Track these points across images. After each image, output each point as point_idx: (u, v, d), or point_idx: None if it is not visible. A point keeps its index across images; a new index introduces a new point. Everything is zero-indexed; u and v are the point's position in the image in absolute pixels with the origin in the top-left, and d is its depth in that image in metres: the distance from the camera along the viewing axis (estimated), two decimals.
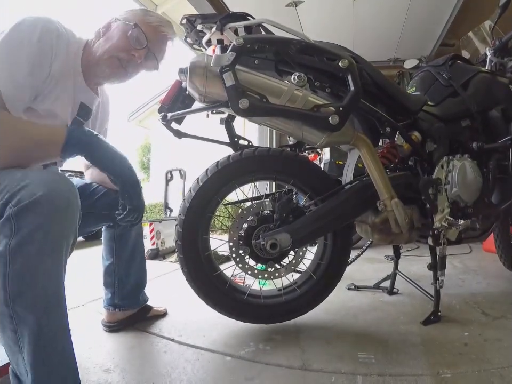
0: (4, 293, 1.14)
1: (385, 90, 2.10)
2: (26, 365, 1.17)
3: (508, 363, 1.71)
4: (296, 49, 1.72)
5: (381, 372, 1.67)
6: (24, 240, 1.13)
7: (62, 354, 1.25)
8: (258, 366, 1.76)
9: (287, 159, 2.06)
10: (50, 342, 1.21)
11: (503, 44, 2.74)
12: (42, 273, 1.17)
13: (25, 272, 1.14)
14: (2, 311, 1.16)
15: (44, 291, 1.18)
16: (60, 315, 1.25)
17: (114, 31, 1.70)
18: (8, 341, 1.20)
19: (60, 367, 1.24)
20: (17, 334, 1.16)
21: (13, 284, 1.13)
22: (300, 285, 2.20)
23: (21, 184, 1.17)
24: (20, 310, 1.15)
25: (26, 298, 1.15)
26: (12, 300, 1.14)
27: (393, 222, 2.02)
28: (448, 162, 2.19)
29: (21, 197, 1.14)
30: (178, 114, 1.88)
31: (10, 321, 1.16)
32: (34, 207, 1.13)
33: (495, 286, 2.99)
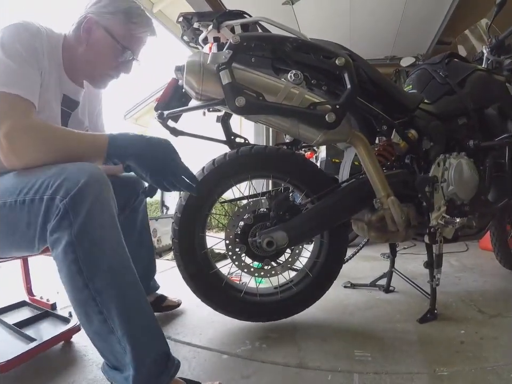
0: (81, 278, 1.19)
1: (382, 88, 2.10)
2: (121, 340, 1.22)
3: (504, 361, 1.71)
4: (293, 47, 1.72)
5: (377, 370, 1.68)
6: (85, 222, 1.18)
7: (148, 315, 1.32)
8: (254, 364, 1.76)
9: (284, 157, 2.06)
10: (136, 306, 1.28)
11: (499, 42, 2.74)
12: (109, 244, 1.24)
13: (95, 250, 1.20)
14: (83, 297, 1.21)
15: (116, 260, 1.25)
16: (135, 280, 1.31)
17: (100, 43, 1.66)
18: (97, 330, 1.24)
19: (150, 328, 1.31)
20: (103, 314, 1.21)
21: (87, 265, 1.19)
22: (296, 283, 2.20)
23: (61, 177, 1.21)
24: (99, 286, 1.20)
25: (103, 274, 1.21)
26: (90, 280, 1.19)
27: (390, 220, 2.02)
28: (445, 160, 2.19)
29: (67, 188, 1.18)
30: (175, 112, 1.88)
31: (94, 304, 1.20)
32: (83, 192, 1.18)
33: (492, 284, 3.00)
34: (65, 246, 1.18)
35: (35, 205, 1.24)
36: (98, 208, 1.22)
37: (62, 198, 1.18)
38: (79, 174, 1.22)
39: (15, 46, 1.41)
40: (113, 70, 1.75)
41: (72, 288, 1.21)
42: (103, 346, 1.27)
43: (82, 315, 1.24)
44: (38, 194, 1.23)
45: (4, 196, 1.31)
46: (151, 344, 1.29)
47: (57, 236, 1.20)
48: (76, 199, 1.18)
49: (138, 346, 1.23)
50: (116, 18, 1.64)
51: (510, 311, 2.32)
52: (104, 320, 1.21)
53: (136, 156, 1.40)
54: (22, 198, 1.27)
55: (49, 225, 1.21)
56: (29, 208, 1.25)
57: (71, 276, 1.20)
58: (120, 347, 1.22)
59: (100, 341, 1.27)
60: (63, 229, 1.18)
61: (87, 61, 1.68)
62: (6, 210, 1.30)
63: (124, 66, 1.76)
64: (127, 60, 1.74)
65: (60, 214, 1.18)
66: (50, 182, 1.22)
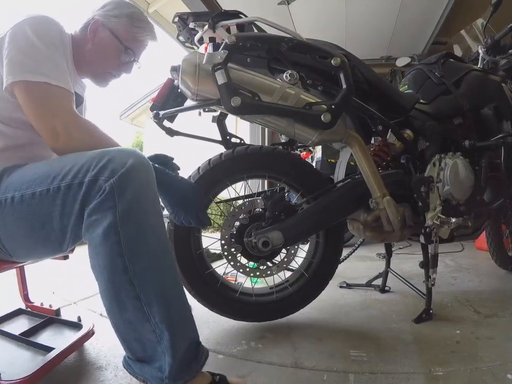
0: (121, 260, 1.17)
1: (378, 88, 2.10)
2: (157, 326, 1.20)
3: (500, 361, 1.72)
4: (288, 47, 1.72)
5: (372, 370, 1.68)
6: (130, 204, 1.18)
7: (184, 301, 1.31)
8: (250, 364, 1.76)
9: (279, 157, 2.06)
10: (174, 291, 1.28)
11: (495, 42, 2.74)
12: (152, 229, 1.24)
13: (138, 233, 1.20)
14: (120, 281, 1.18)
15: (157, 245, 1.25)
16: (174, 264, 1.33)
17: (104, 43, 1.70)
18: (129, 317, 1.21)
19: (186, 314, 1.31)
20: (140, 300, 1.19)
21: (129, 247, 1.17)
22: (292, 283, 2.21)
23: (106, 158, 1.20)
24: (140, 269, 1.19)
25: (144, 257, 1.20)
26: (131, 263, 1.17)
27: (385, 220, 2.02)
28: (440, 160, 2.19)
29: (113, 169, 1.18)
30: (171, 112, 1.88)
31: (131, 289, 1.18)
32: (130, 174, 1.19)
33: (487, 284, 3.01)
34: (108, 227, 1.16)
35: (72, 190, 1.21)
36: (144, 191, 1.23)
37: (107, 178, 1.17)
38: (125, 156, 1.22)
39: (46, 32, 1.43)
40: (115, 69, 1.79)
41: (110, 271, 1.18)
42: (131, 336, 1.24)
43: (114, 302, 1.21)
44: (77, 179, 1.20)
45: (32, 185, 1.27)
46: (186, 331, 1.29)
47: (98, 217, 1.17)
48: (122, 179, 1.17)
49: (175, 333, 1.22)
50: (120, 21, 1.70)
51: (506, 311, 2.32)
52: (140, 307, 1.19)
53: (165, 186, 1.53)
54: (56, 185, 1.23)
55: (87, 208, 1.19)
56: (64, 195, 1.22)
57: (111, 259, 1.17)
58: (153, 335, 1.21)
59: (129, 331, 1.23)
60: (105, 210, 1.17)
61: (91, 60, 1.72)
62: (35, 201, 1.26)
63: (125, 67, 1.79)
64: (129, 61, 1.78)
65: (104, 194, 1.16)
66: (92, 165, 1.20)
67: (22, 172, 1.37)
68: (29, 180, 1.29)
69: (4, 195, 1.31)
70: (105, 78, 1.80)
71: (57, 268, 2.10)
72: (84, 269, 1.59)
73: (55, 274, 2.36)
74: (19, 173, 1.37)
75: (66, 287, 2.46)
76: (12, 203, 1.29)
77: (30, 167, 1.39)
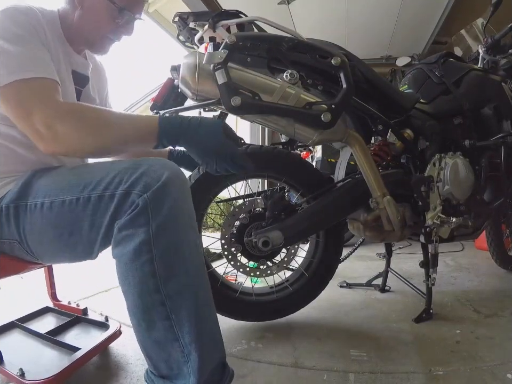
0: (153, 280, 1.11)
1: (378, 88, 2.10)
2: (187, 347, 1.14)
3: (500, 360, 1.72)
4: (289, 47, 1.72)
5: (373, 370, 1.68)
6: (165, 220, 1.12)
7: (214, 320, 1.27)
8: (250, 364, 1.77)
9: (279, 156, 2.06)
10: (205, 311, 1.22)
11: (495, 41, 2.74)
12: (187, 246, 1.18)
13: (172, 250, 1.14)
14: (151, 300, 1.13)
15: (192, 264, 1.19)
16: (207, 283, 1.27)
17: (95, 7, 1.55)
18: (158, 337, 1.16)
19: (215, 334, 1.26)
20: (171, 320, 1.13)
21: (162, 266, 1.12)
22: (292, 283, 2.20)
23: (140, 170, 1.16)
24: (173, 290, 1.13)
25: (177, 277, 1.14)
26: (164, 283, 1.12)
27: (385, 220, 2.02)
28: (440, 160, 2.19)
29: (146, 183, 1.13)
30: (171, 112, 1.87)
31: (162, 310, 1.13)
32: (165, 188, 1.13)
33: (487, 283, 3.01)
34: (140, 245, 1.10)
35: (103, 202, 1.16)
36: (179, 206, 1.18)
37: (141, 192, 1.12)
38: (159, 169, 1.17)
39: (11, 29, 1.32)
40: (112, 33, 1.63)
41: (141, 291, 1.13)
42: (158, 355, 1.18)
43: (143, 321, 1.16)
44: (109, 191, 1.16)
45: (62, 192, 1.23)
46: (214, 352, 1.23)
47: (129, 233, 1.12)
48: (157, 195, 1.12)
49: (204, 354, 1.16)
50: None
51: (506, 311, 2.33)
52: (170, 326, 1.14)
53: (187, 139, 1.37)
54: (86, 194, 1.19)
55: (118, 222, 1.14)
56: (94, 206, 1.18)
57: (142, 278, 1.12)
58: (181, 355, 1.15)
59: (156, 350, 1.18)
60: (138, 226, 1.11)
61: (83, 27, 1.58)
62: (64, 209, 1.22)
63: (124, 28, 1.64)
64: (127, 21, 1.62)
65: (137, 209, 1.11)
66: (124, 177, 1.16)
67: (52, 178, 1.34)
68: (59, 186, 1.26)
69: (34, 200, 1.28)
70: (103, 44, 1.66)
71: (55, 267, 2.08)
72: (82, 268, 1.59)
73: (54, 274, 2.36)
74: (49, 178, 1.34)
75: (65, 287, 2.46)
76: (41, 209, 1.26)
77: (60, 173, 1.36)
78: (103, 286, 3.09)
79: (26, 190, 1.31)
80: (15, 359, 1.56)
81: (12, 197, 1.32)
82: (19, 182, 1.34)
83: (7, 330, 1.91)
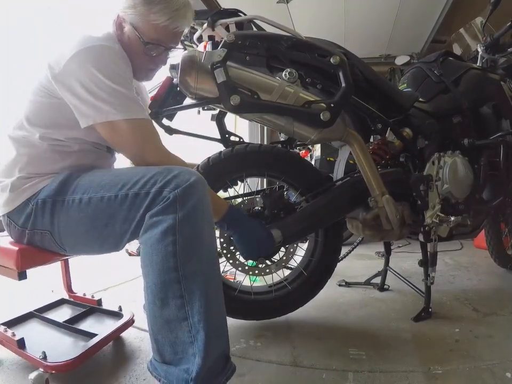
0: (174, 260, 1.24)
1: (377, 87, 2.10)
2: (196, 325, 1.24)
3: (499, 359, 1.72)
4: (288, 46, 1.72)
5: (371, 368, 1.68)
6: (190, 212, 1.28)
7: (222, 311, 1.37)
8: (249, 363, 1.77)
9: (278, 155, 2.06)
10: (215, 297, 1.32)
11: (494, 40, 2.74)
12: (205, 237, 1.33)
13: (193, 238, 1.28)
14: (169, 278, 1.25)
15: (207, 253, 1.33)
16: (218, 274, 1.40)
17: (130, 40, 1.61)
18: (169, 315, 1.25)
19: (223, 324, 1.36)
20: (184, 298, 1.24)
21: (182, 249, 1.25)
22: (291, 282, 2.20)
23: (172, 173, 1.32)
24: (189, 271, 1.26)
25: (195, 260, 1.27)
26: (182, 264, 1.24)
27: (384, 219, 2.02)
28: (439, 158, 2.19)
29: (177, 183, 1.29)
30: (170, 111, 1.87)
31: (177, 288, 1.24)
32: (192, 188, 1.30)
33: (486, 282, 3.01)
34: (167, 228, 1.25)
35: (139, 198, 1.33)
36: (202, 205, 1.32)
37: (172, 189, 1.28)
38: (188, 173, 1.33)
39: (110, 66, 1.45)
40: (149, 64, 1.72)
41: (162, 268, 1.25)
42: (165, 337, 1.27)
43: (158, 299, 1.26)
44: (144, 189, 1.32)
45: (101, 190, 1.40)
46: (220, 339, 1.33)
47: (158, 219, 1.27)
48: (186, 191, 1.28)
49: (211, 336, 1.24)
50: (136, 11, 1.56)
51: (505, 309, 2.33)
52: (181, 305, 1.24)
53: (240, 236, 1.75)
54: (124, 192, 1.35)
55: (149, 213, 1.29)
56: (131, 202, 1.34)
57: (165, 257, 1.25)
58: (188, 335, 1.24)
59: (164, 330, 1.27)
60: (167, 213, 1.27)
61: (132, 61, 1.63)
62: (102, 204, 1.38)
63: (158, 59, 1.70)
64: (157, 53, 1.67)
65: (168, 201, 1.27)
66: (159, 178, 1.32)
67: (90, 177, 1.49)
68: (98, 185, 1.42)
69: (72, 196, 1.44)
70: (143, 74, 1.77)
71: (54, 266, 2.08)
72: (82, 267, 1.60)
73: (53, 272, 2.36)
74: (87, 177, 1.49)
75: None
76: (79, 204, 1.42)
77: (98, 174, 1.50)
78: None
79: (64, 187, 1.47)
80: (36, 345, 1.66)
81: (50, 192, 1.47)
82: (56, 179, 1.49)
83: (26, 320, 2.01)
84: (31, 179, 1.52)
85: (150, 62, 1.70)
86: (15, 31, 3.66)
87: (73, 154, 1.58)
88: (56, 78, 1.43)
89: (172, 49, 1.71)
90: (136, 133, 1.47)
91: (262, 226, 1.84)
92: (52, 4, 4.05)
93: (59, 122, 1.53)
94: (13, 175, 1.54)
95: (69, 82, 1.42)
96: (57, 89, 1.45)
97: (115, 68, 1.46)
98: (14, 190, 1.51)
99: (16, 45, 3.70)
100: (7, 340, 1.70)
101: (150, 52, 1.64)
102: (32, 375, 1.46)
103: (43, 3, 3.99)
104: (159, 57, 1.70)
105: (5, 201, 1.54)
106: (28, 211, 1.50)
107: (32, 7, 3.86)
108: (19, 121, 1.56)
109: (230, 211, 1.65)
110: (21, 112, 1.56)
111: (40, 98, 1.52)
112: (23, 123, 1.54)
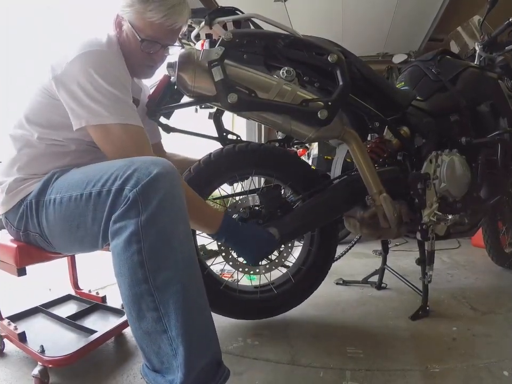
0: (142, 270, 1.15)
1: (374, 85, 2.10)
2: (174, 340, 1.16)
3: (496, 358, 1.73)
4: (285, 44, 1.72)
5: (369, 367, 1.68)
6: (155, 213, 1.17)
7: (206, 316, 1.27)
8: (246, 361, 1.77)
9: (275, 154, 2.06)
10: (195, 304, 1.23)
11: (492, 39, 2.74)
12: (177, 238, 1.22)
13: (161, 242, 1.18)
14: (140, 291, 1.16)
15: (182, 255, 1.22)
16: (198, 277, 1.28)
17: (128, 37, 1.64)
18: (147, 328, 1.18)
19: (207, 330, 1.26)
20: (159, 311, 1.16)
21: (151, 257, 1.16)
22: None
23: (131, 168, 1.23)
24: (161, 281, 1.16)
25: (166, 267, 1.18)
26: (152, 274, 1.15)
27: (382, 217, 2.02)
28: (437, 157, 2.19)
29: (137, 178, 1.20)
30: (167, 109, 1.87)
31: (150, 300, 1.16)
32: (155, 182, 1.19)
33: (484, 281, 3.01)
34: (130, 235, 1.16)
35: (102, 197, 1.26)
36: (169, 200, 1.22)
37: (132, 188, 1.19)
38: (151, 166, 1.23)
39: (110, 71, 1.46)
40: (148, 61, 1.72)
41: (130, 281, 1.17)
42: (149, 347, 1.20)
43: (133, 311, 1.19)
44: (106, 187, 1.26)
45: (70, 189, 1.37)
46: (205, 349, 1.23)
47: (121, 225, 1.19)
48: (146, 189, 1.18)
49: (192, 349, 1.16)
50: (133, 9, 1.58)
51: (502, 308, 2.33)
52: (158, 318, 1.16)
53: (243, 245, 1.76)
54: (88, 191, 1.30)
55: (114, 215, 1.21)
56: (95, 201, 1.28)
57: (131, 268, 1.16)
58: (170, 348, 1.16)
59: (147, 341, 1.20)
60: (129, 218, 1.18)
61: (125, 54, 1.65)
62: (71, 204, 1.35)
63: (156, 56, 1.71)
64: (154, 50, 1.67)
65: (128, 203, 1.18)
66: (119, 174, 1.24)
67: (65, 176, 1.47)
68: (68, 184, 1.40)
69: (49, 196, 1.43)
70: (142, 71, 1.78)
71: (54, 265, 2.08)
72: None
73: (51, 271, 2.36)
74: (63, 176, 1.48)
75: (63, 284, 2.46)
76: (54, 204, 1.41)
77: (72, 172, 1.49)
78: None
79: (45, 187, 1.47)
80: (37, 339, 1.70)
81: (34, 193, 1.48)
82: (42, 180, 1.50)
83: (32, 314, 2.07)
84: (26, 180, 1.53)
85: (147, 59, 1.70)
86: (15, 31, 3.67)
87: (70, 154, 1.59)
88: (56, 78, 1.44)
89: (168, 46, 1.72)
90: (127, 139, 1.46)
91: (261, 228, 1.85)
92: (52, 4, 4.06)
93: (58, 123, 1.53)
94: (11, 174, 1.55)
95: (68, 83, 1.42)
96: (56, 89, 1.45)
97: (115, 73, 1.47)
98: (9, 192, 1.53)
99: (16, 45, 3.70)
100: (10, 333, 1.74)
101: (147, 49, 1.64)
102: (35, 371, 1.51)
103: (43, 3, 4.00)
104: (157, 54, 1.70)
105: (2, 202, 1.56)
106: (21, 212, 1.52)
107: (32, 7, 3.87)
108: (19, 120, 1.57)
109: (226, 219, 1.64)
110: (21, 111, 1.57)
111: (41, 99, 1.53)
112: (22, 122, 1.56)
